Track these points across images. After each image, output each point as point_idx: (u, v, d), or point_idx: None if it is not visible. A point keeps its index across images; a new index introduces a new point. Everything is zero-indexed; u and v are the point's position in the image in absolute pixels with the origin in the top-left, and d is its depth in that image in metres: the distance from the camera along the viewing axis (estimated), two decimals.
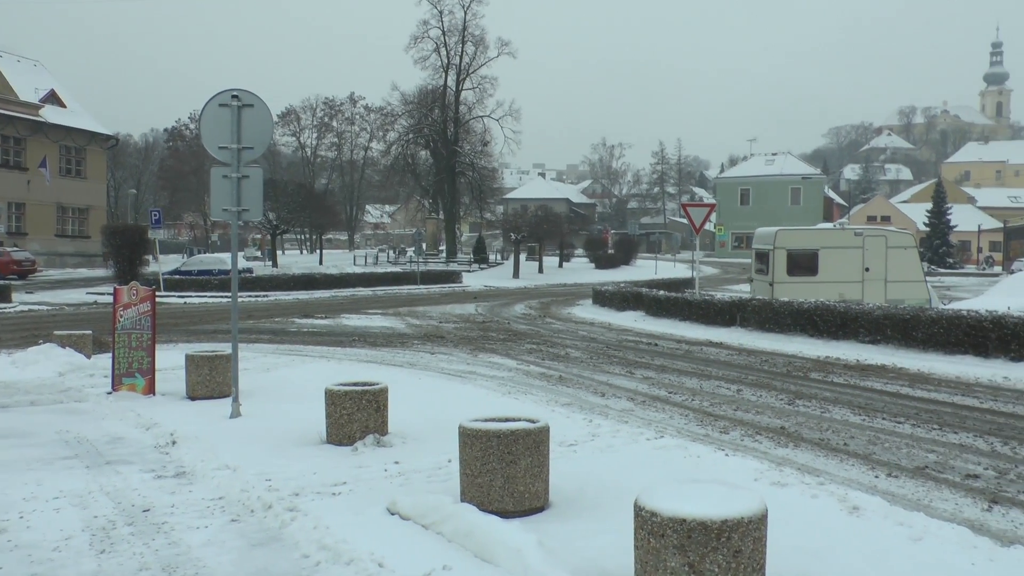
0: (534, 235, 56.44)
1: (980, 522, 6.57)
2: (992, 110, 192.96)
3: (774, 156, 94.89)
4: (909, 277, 23.99)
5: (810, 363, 15.90)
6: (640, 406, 11.43)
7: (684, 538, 4.23)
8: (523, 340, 19.69)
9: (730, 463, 7.85)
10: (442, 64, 66.14)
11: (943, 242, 78.97)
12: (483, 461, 6.30)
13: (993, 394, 12.59)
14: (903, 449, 8.98)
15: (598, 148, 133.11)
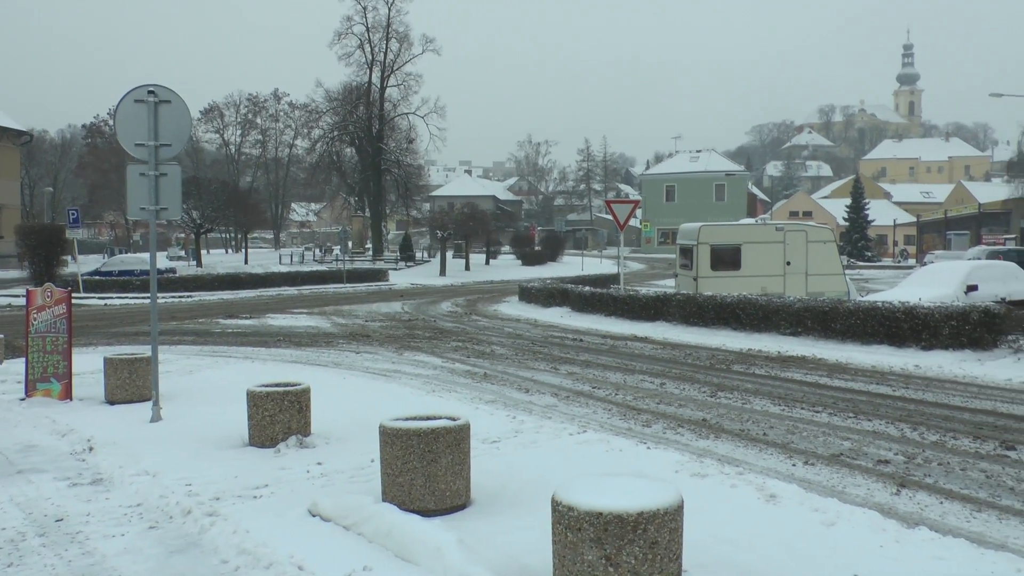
0: (460, 232, 56.38)
1: (889, 505, 6.80)
2: (905, 109, 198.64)
3: (699, 153, 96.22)
4: (829, 270, 24.56)
5: (733, 356, 16.20)
6: (564, 402, 11.52)
7: (601, 531, 4.29)
8: (449, 338, 19.69)
9: (652, 456, 7.97)
10: (366, 61, 65.71)
11: (861, 236, 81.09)
12: (404, 460, 6.29)
13: (905, 382, 12.99)
14: (820, 437, 9.22)
15: (524, 145, 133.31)
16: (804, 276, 24.13)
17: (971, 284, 19.69)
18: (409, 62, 66.48)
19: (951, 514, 6.61)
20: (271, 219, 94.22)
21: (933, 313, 15.75)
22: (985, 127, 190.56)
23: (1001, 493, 7.14)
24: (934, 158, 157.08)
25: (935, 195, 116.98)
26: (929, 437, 9.20)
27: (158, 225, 10.74)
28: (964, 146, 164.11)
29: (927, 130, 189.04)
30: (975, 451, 8.56)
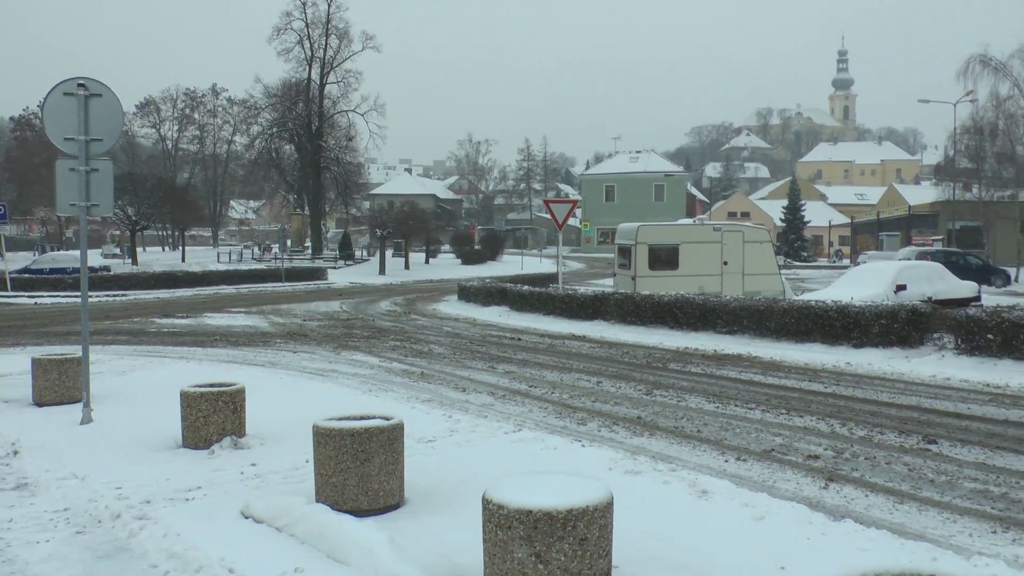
0: (400, 231, 56.13)
1: (817, 499, 6.96)
2: (840, 113, 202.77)
3: (638, 154, 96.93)
4: (765, 270, 25.00)
5: (670, 354, 16.39)
6: (500, 400, 11.56)
7: (531, 529, 4.33)
8: (387, 337, 19.62)
9: (586, 453, 8.05)
10: (306, 57, 65.00)
11: (798, 237, 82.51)
12: (337, 460, 6.27)
13: (836, 379, 13.29)
14: (752, 434, 9.39)
15: (464, 144, 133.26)
16: (741, 275, 24.51)
17: (900, 284, 20.17)
18: (349, 59, 66.05)
19: (875, 507, 6.80)
20: (209, 216, 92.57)
21: (864, 312, 16.12)
22: (915, 132, 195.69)
23: (922, 485, 7.36)
24: (867, 161, 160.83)
25: (868, 197, 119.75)
26: (857, 432, 9.43)
27: (91, 222, 10.52)
28: (896, 150, 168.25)
29: (861, 134, 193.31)
30: (900, 445, 8.80)
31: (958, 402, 11.28)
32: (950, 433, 9.36)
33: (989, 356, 14.17)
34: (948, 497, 7.02)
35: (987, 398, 11.59)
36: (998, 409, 10.77)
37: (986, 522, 6.41)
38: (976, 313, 14.91)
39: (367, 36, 65.90)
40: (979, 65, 45.41)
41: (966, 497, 7.02)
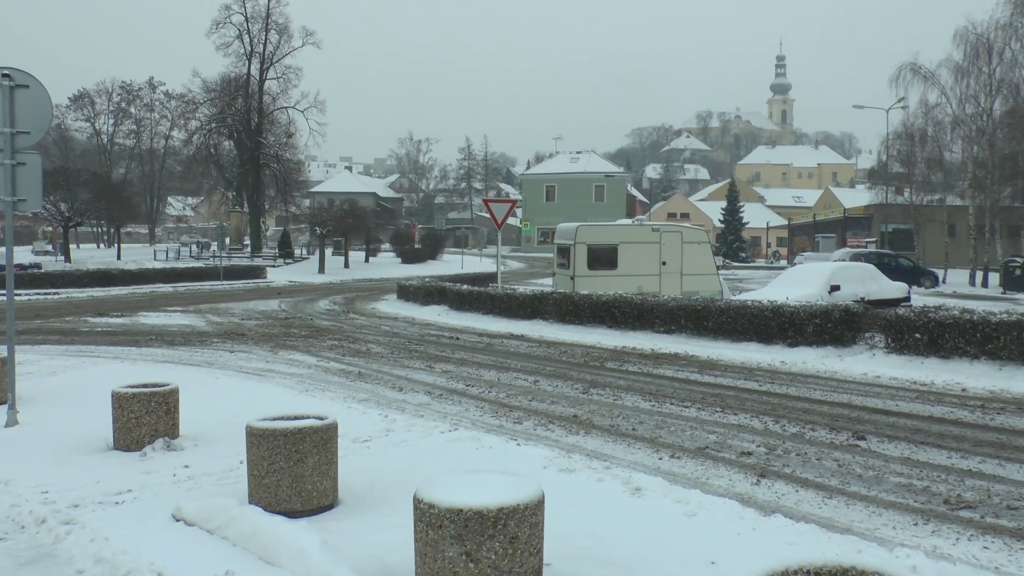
0: (340, 229, 55.73)
1: (749, 495, 7.08)
2: (778, 117, 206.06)
3: (579, 154, 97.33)
4: (703, 270, 25.30)
5: (607, 353, 16.51)
6: (437, 400, 11.55)
7: (461, 528, 4.33)
8: (325, 336, 19.48)
9: (521, 452, 8.08)
10: (245, 52, 64.11)
11: (737, 238, 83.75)
12: (270, 461, 6.21)
13: (771, 377, 13.52)
14: (687, 432, 9.50)
15: (405, 142, 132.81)
16: (679, 276, 24.78)
17: (834, 284, 20.57)
18: (289, 55, 65.28)
19: (805, 501, 6.93)
20: (146, 213, 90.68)
21: (799, 312, 16.40)
22: (851, 136, 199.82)
23: (850, 480, 7.52)
24: (805, 165, 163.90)
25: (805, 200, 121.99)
26: (790, 429, 9.61)
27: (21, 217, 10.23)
28: (832, 154, 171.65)
29: (798, 138, 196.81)
30: (830, 442, 8.99)
31: (887, 399, 11.55)
32: (878, 429, 9.59)
33: (917, 354, 14.53)
34: (874, 491, 7.19)
35: (914, 395, 11.89)
36: (923, 406, 11.06)
37: (909, 515, 6.58)
38: (905, 313, 15.27)
39: (307, 32, 65.34)
40: (910, 73, 46.53)
41: (891, 491, 7.19)
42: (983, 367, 13.56)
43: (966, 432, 9.48)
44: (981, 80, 43.91)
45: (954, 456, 8.36)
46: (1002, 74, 43.34)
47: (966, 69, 44.30)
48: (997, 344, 13.67)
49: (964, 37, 44.09)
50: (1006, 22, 42.88)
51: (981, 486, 7.34)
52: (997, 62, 43.33)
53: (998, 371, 13.32)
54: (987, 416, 10.39)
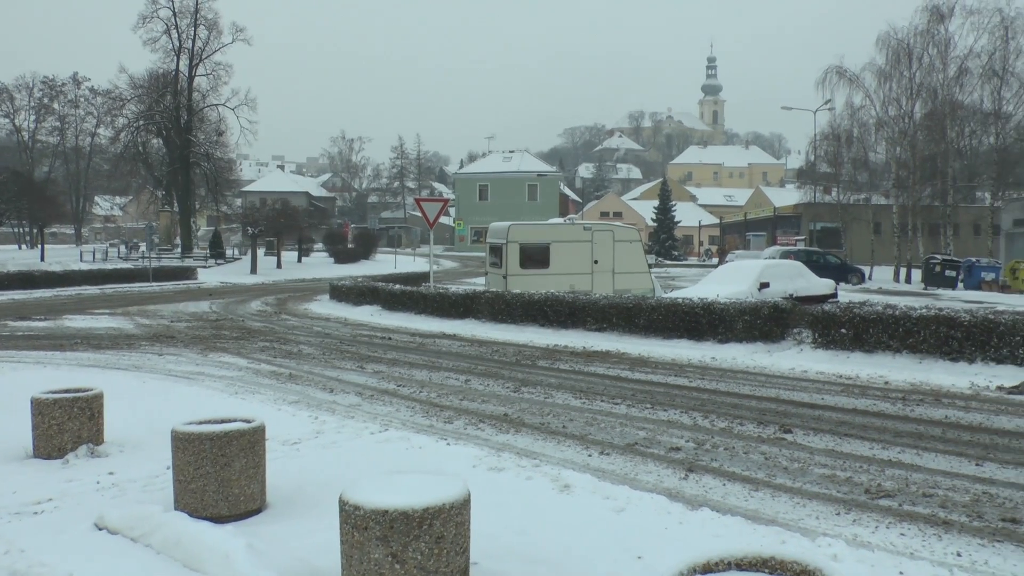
0: (272, 229, 55.13)
1: (677, 490, 7.16)
2: (710, 118, 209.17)
3: (511, 153, 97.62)
4: (635, 268, 25.54)
5: (539, 351, 16.57)
6: (368, 400, 11.47)
7: (387, 529, 4.31)
8: (256, 338, 19.23)
9: (451, 452, 8.07)
10: (174, 47, 62.87)
11: (669, 236, 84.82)
12: (196, 466, 6.11)
13: (701, 373, 13.69)
14: (617, 428, 9.58)
15: (338, 141, 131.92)
16: (611, 274, 24.98)
17: (764, 282, 20.94)
18: (219, 51, 64.25)
19: (732, 494, 7.04)
20: (71, 213, 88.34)
21: (728, 309, 16.66)
22: (780, 137, 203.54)
23: (776, 473, 7.66)
24: (736, 164, 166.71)
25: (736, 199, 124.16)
26: (719, 424, 9.75)
27: None
28: (762, 154, 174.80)
29: (729, 138, 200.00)
30: (758, 435, 9.15)
31: (813, 393, 11.80)
32: (804, 423, 9.78)
33: (843, 349, 14.87)
34: (799, 483, 7.33)
35: (839, 389, 12.16)
36: (848, 399, 11.32)
37: (831, 505, 6.73)
38: (832, 309, 15.61)
39: (237, 28, 64.33)
40: (836, 76, 47.69)
41: (815, 482, 7.35)
42: (904, 360, 13.93)
43: (887, 424, 9.73)
44: (903, 84, 45.20)
45: (876, 447, 8.58)
46: (921, 78, 44.67)
47: (888, 73, 45.58)
48: (918, 338, 14.06)
49: (886, 42, 45.35)
50: (924, 29, 44.20)
51: (900, 475, 7.54)
52: (917, 67, 44.65)
53: (918, 364, 13.70)
54: (907, 408, 10.67)
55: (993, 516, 6.42)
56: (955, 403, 11.02)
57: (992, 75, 42.72)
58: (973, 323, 13.57)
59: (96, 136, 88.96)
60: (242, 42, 64.53)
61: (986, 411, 10.45)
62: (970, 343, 13.56)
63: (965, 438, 8.98)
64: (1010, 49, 42.15)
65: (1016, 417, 10.08)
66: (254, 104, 65.40)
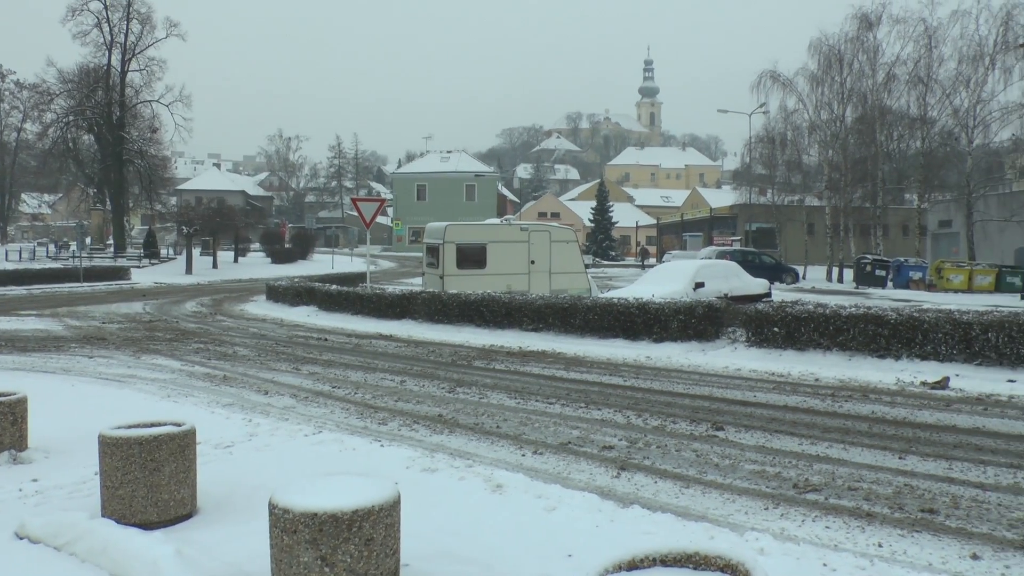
0: (208, 229, 54.37)
1: (609, 488, 7.23)
2: (647, 120, 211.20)
3: (449, 153, 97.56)
4: (571, 269, 25.69)
5: (475, 352, 16.59)
6: (303, 402, 11.38)
7: (316, 532, 4.29)
8: (191, 339, 18.95)
9: (385, 453, 8.05)
10: (105, 41, 61.27)
11: (606, 236, 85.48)
12: (124, 471, 6.00)
13: (636, 373, 13.83)
14: (551, 428, 9.63)
15: (275, 140, 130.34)
16: (548, 274, 25.09)
17: (699, 282, 21.20)
18: (152, 46, 62.73)
19: (663, 492, 7.13)
20: None
21: (663, 308, 16.84)
22: (717, 139, 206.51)
23: (707, 470, 7.78)
24: (673, 166, 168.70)
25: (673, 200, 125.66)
26: (652, 423, 9.86)
27: None
28: (699, 156, 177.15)
29: (666, 140, 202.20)
30: (690, 433, 9.27)
31: (746, 391, 12.00)
32: (736, 420, 9.95)
33: (775, 347, 15.14)
34: (730, 479, 7.46)
35: (771, 386, 12.39)
36: (780, 396, 11.54)
37: (760, 500, 6.86)
38: (764, 308, 15.89)
39: (171, 23, 62.96)
40: (770, 80, 48.63)
41: (745, 478, 7.48)
42: (835, 358, 14.24)
43: (816, 419, 9.94)
44: (834, 88, 46.28)
45: (805, 443, 8.76)
46: (852, 84, 45.78)
47: (820, 78, 46.63)
48: (847, 336, 14.38)
49: (818, 48, 46.37)
50: (854, 36, 45.33)
51: (827, 470, 7.71)
52: (847, 72, 45.74)
53: (848, 361, 14.01)
54: (836, 404, 10.92)
55: (913, 507, 6.61)
56: (881, 399, 11.30)
57: (917, 82, 43.88)
58: (899, 321, 13.92)
59: (23, 131, 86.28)
60: (176, 37, 63.34)
61: (910, 406, 10.74)
62: (896, 340, 13.90)
63: (890, 432, 9.22)
64: (933, 57, 43.36)
65: (937, 411, 10.38)
66: (189, 101, 64.28)
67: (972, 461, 7.96)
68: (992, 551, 5.69)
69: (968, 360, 13.18)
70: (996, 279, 36.01)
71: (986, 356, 13.06)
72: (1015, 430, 9.34)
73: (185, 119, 65.44)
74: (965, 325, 13.31)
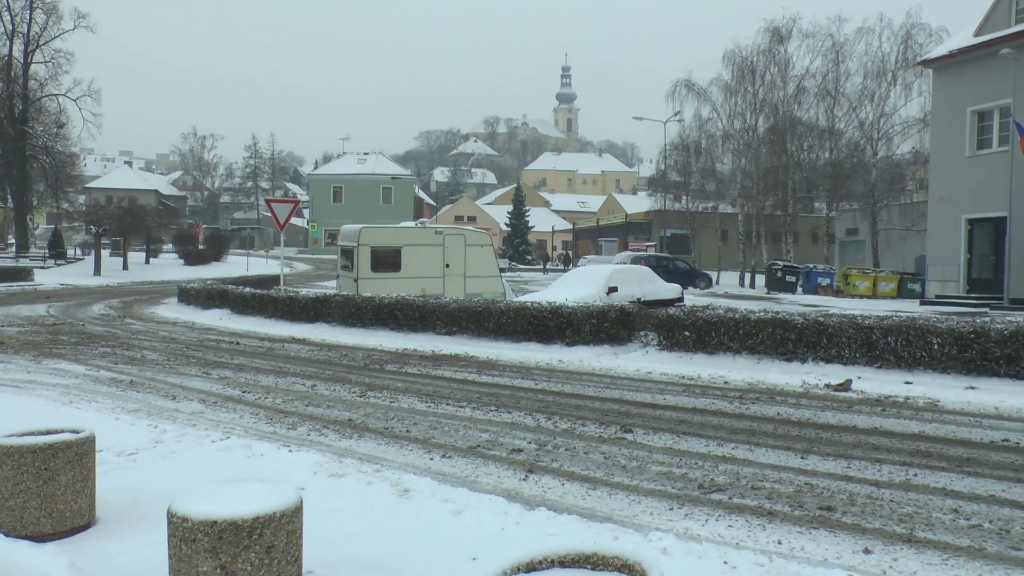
0: (118, 229, 52.96)
1: (516, 491, 7.26)
2: (564, 125, 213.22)
3: (366, 156, 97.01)
4: (486, 272, 25.73)
5: (388, 355, 16.51)
6: (212, 408, 11.16)
7: (215, 540, 4.21)
8: (97, 343, 18.44)
9: (293, 459, 7.94)
10: (6, 31, 58.89)
11: (523, 241, 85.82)
12: (16, 481, 5.78)
13: (548, 376, 13.92)
14: (461, 431, 9.63)
15: (189, 138, 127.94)
16: (463, 278, 25.10)
17: (612, 286, 21.43)
18: (59, 37, 60.67)
19: (570, 494, 7.18)
20: None
21: (576, 312, 16.98)
22: (633, 146, 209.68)
23: (615, 471, 7.87)
24: (589, 171, 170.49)
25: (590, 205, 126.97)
26: (561, 425, 9.93)
27: None
28: (615, 162, 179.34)
29: (583, 146, 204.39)
30: (599, 435, 9.36)
31: (656, 393, 12.18)
32: (645, 422, 10.08)
33: (686, 351, 15.39)
34: (637, 481, 7.55)
35: (681, 389, 12.60)
36: (689, 398, 11.74)
37: (666, 501, 6.97)
38: (676, 313, 16.13)
39: (80, 14, 60.92)
40: (684, 89, 49.63)
41: (652, 480, 7.58)
42: (744, 361, 14.54)
43: (724, 421, 10.14)
44: (747, 99, 47.43)
45: (712, 444, 8.92)
46: (764, 94, 46.99)
47: (734, 88, 47.76)
48: (756, 339, 14.70)
49: (732, 59, 47.47)
50: (766, 48, 46.49)
51: (732, 470, 7.87)
52: (760, 83, 46.93)
53: (756, 364, 14.32)
54: (743, 406, 11.16)
55: (812, 505, 6.80)
56: (787, 400, 11.59)
57: (826, 94, 45.24)
58: (805, 325, 14.28)
59: None
60: (85, 29, 61.33)
61: (814, 407, 11.04)
62: (803, 344, 14.26)
63: (794, 433, 9.46)
64: (841, 72, 44.80)
65: (839, 412, 10.69)
66: (98, 96, 62.39)
67: (869, 460, 8.23)
68: (883, 545, 5.91)
69: (870, 363, 13.60)
70: (898, 285, 37.27)
71: (886, 359, 13.49)
72: (909, 429, 9.69)
73: (94, 115, 63.68)
74: (867, 329, 13.73)
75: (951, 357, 12.91)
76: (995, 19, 32.10)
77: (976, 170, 32.25)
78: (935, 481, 7.48)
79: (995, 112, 31.86)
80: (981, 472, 7.79)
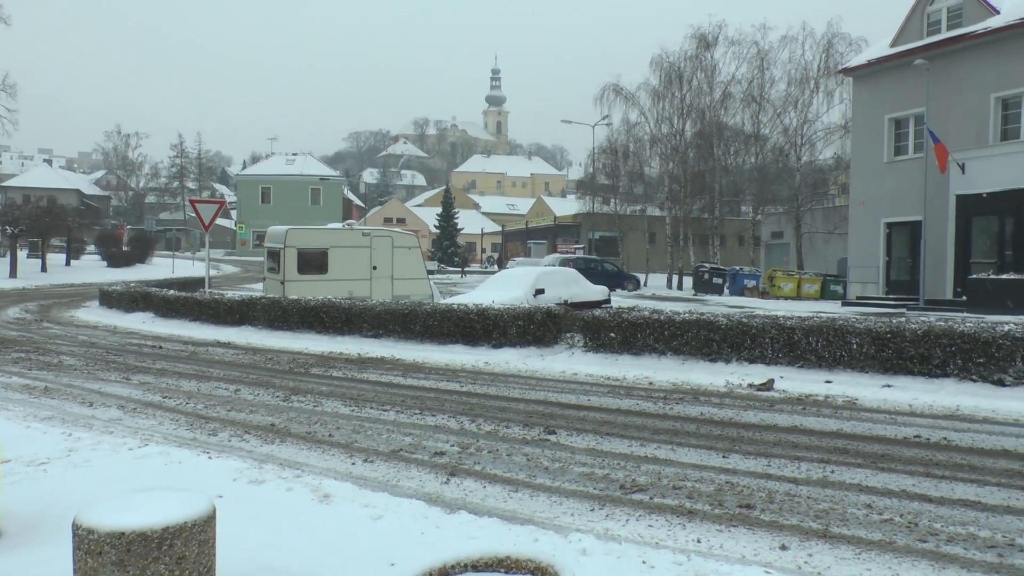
0: (36, 229, 51.51)
1: (437, 494, 7.23)
2: (494, 128, 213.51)
3: (295, 156, 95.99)
4: (413, 275, 25.64)
5: (314, 359, 16.35)
6: (130, 414, 10.91)
7: (123, 552, 4.09)
8: (11, 348, 17.90)
9: (212, 466, 7.79)
10: None
11: (452, 243, 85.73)
12: None
13: (473, 378, 13.91)
14: (384, 435, 9.57)
15: (112, 136, 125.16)
16: (390, 280, 24.97)
17: (539, 288, 21.52)
18: None
19: (492, 496, 7.18)
20: None
21: (503, 314, 17.00)
22: (562, 149, 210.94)
23: (537, 473, 7.89)
24: (519, 174, 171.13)
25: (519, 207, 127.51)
26: (485, 428, 9.93)
27: None
28: (545, 165, 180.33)
29: (513, 148, 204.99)
30: (523, 437, 9.38)
31: (581, 395, 12.25)
32: (569, 423, 10.13)
33: (612, 352, 15.52)
34: (559, 482, 7.58)
35: (606, 390, 12.69)
36: (613, 399, 11.84)
37: (587, 502, 7.00)
38: (601, 314, 16.24)
39: None
40: (613, 93, 50.09)
41: (574, 481, 7.62)
42: (669, 362, 14.72)
43: (648, 422, 10.24)
44: (674, 104, 48.07)
45: (635, 444, 9.00)
46: (691, 100, 47.68)
47: (662, 93, 48.36)
48: (681, 340, 14.88)
49: (659, 64, 48.07)
50: (693, 54, 47.22)
51: (654, 470, 7.95)
52: (687, 89, 47.61)
53: (681, 365, 14.50)
54: (667, 406, 11.28)
55: (732, 503, 6.90)
56: (711, 400, 11.76)
57: (751, 100, 46.13)
58: (729, 326, 14.50)
59: None
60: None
61: (737, 407, 11.22)
62: (727, 345, 14.48)
63: (716, 433, 9.60)
64: (766, 78, 45.74)
65: (761, 412, 10.88)
66: (14, 90, 60.31)
67: (788, 458, 8.38)
68: (799, 541, 6.02)
69: (792, 363, 13.86)
70: (821, 287, 38.13)
71: (807, 359, 13.76)
72: (828, 427, 9.90)
73: (9, 110, 61.64)
74: (789, 330, 14.00)
75: (869, 356, 13.22)
76: (909, 31, 33.09)
77: (894, 176, 33.20)
78: (851, 477, 7.66)
79: (911, 120, 32.85)
80: (894, 468, 7.99)
